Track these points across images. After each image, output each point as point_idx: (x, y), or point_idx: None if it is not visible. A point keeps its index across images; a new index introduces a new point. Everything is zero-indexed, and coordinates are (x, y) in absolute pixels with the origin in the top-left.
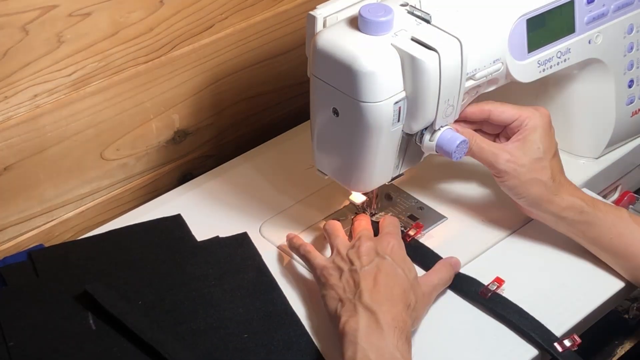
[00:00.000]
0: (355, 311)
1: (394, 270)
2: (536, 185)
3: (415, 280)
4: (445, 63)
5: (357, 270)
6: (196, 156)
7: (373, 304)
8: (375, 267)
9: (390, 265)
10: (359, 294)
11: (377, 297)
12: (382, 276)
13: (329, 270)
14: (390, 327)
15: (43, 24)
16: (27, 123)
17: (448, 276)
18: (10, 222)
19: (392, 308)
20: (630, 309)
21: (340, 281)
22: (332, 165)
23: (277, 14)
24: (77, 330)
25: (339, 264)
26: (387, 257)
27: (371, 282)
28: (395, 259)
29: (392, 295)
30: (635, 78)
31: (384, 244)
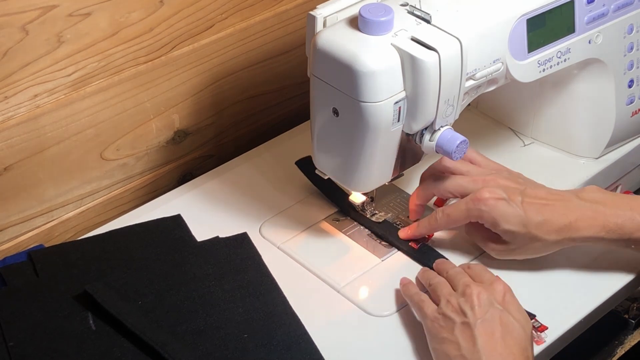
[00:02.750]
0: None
1: (512, 324)
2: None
3: (530, 332)
4: (445, 63)
5: (471, 323)
6: (196, 156)
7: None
8: (491, 320)
9: (506, 318)
10: (476, 354)
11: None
12: (499, 332)
13: (440, 321)
14: None
15: (43, 24)
16: (27, 123)
17: None
18: (10, 222)
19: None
20: (630, 309)
21: (454, 335)
22: (332, 165)
23: (277, 14)
24: (77, 330)
25: (450, 315)
26: (500, 307)
27: (489, 340)
28: (510, 309)
29: (513, 357)
30: (635, 78)
31: (496, 293)
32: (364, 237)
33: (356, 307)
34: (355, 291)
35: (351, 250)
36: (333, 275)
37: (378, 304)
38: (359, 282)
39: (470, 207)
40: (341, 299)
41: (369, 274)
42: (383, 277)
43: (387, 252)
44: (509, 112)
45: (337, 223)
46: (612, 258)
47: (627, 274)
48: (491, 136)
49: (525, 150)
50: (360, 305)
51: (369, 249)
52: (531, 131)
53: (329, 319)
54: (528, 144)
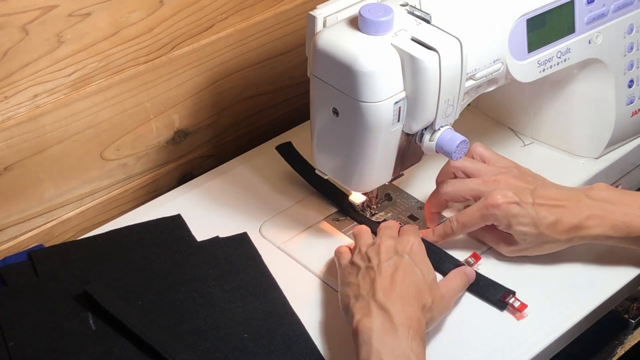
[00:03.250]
0: (369, 310)
1: (412, 269)
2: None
3: (434, 282)
4: (445, 63)
5: (374, 267)
6: (196, 156)
7: (387, 303)
8: (392, 264)
9: (408, 264)
10: (373, 291)
11: (392, 295)
12: (398, 274)
13: (348, 268)
14: (404, 327)
15: (43, 24)
16: (27, 123)
17: (464, 284)
18: (10, 222)
19: (407, 307)
20: (630, 309)
21: (357, 278)
22: (332, 165)
23: (277, 14)
24: (77, 330)
25: (357, 261)
26: (405, 255)
27: (387, 280)
28: (414, 259)
29: (407, 294)
30: (635, 78)
31: (404, 243)
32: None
33: None
34: None
35: None
36: (333, 275)
37: None
38: None
39: (485, 213)
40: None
41: None
42: None
43: None
44: (509, 112)
45: (337, 223)
46: (612, 258)
47: (626, 274)
48: (491, 136)
49: (525, 150)
50: None
51: None
52: (531, 131)
53: (329, 319)
54: (528, 144)
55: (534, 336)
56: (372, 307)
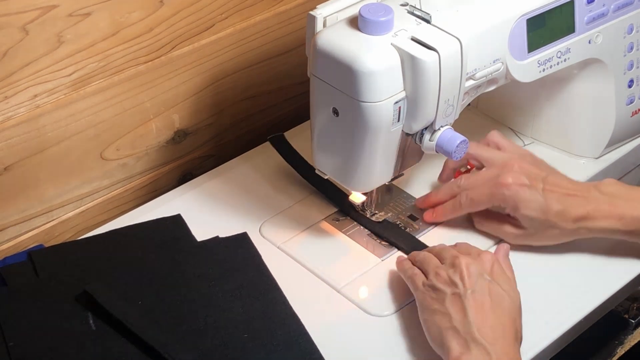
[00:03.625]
0: (467, 347)
1: (501, 295)
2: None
3: (519, 304)
4: (445, 63)
5: (462, 294)
6: (196, 156)
7: (486, 343)
8: (480, 291)
9: (495, 289)
10: (468, 326)
11: (488, 332)
12: (488, 303)
13: (430, 293)
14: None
15: (43, 24)
16: (27, 123)
17: None
18: (10, 222)
19: (506, 347)
20: (630, 309)
21: (444, 306)
22: (332, 165)
23: (277, 14)
24: (77, 330)
25: (439, 287)
26: (489, 278)
27: (479, 312)
28: (499, 280)
29: (503, 329)
30: (635, 78)
31: (485, 264)
32: (364, 237)
33: (356, 307)
34: (355, 291)
35: (351, 250)
36: (333, 275)
37: (378, 303)
38: (359, 282)
39: (494, 192)
40: (341, 299)
41: (369, 273)
42: (383, 277)
43: (387, 252)
44: (509, 112)
45: (337, 223)
46: (612, 258)
47: (626, 274)
48: None
49: None
50: (360, 305)
51: (369, 248)
52: (531, 131)
53: (329, 319)
54: (528, 144)
55: (534, 336)
56: (470, 345)
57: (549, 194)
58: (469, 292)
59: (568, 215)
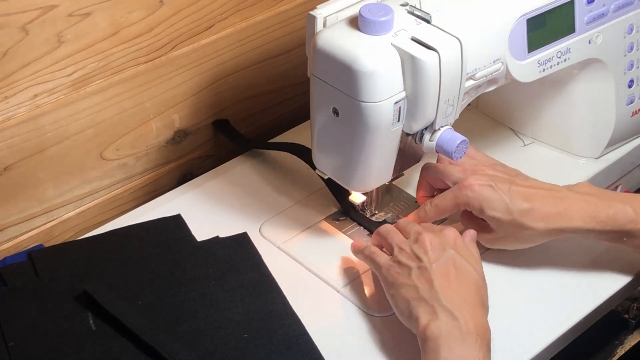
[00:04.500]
0: (435, 313)
1: (465, 266)
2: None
3: (483, 275)
4: (445, 63)
5: (427, 267)
6: (196, 156)
7: (453, 308)
8: (444, 263)
9: (459, 261)
10: (435, 294)
11: (455, 298)
12: (453, 273)
13: (396, 268)
14: (472, 335)
15: (43, 24)
16: (27, 123)
17: None
18: (10, 222)
19: (474, 313)
20: (630, 309)
21: (410, 279)
22: (332, 165)
23: (277, 14)
24: (77, 330)
25: (405, 261)
26: (452, 251)
27: (445, 281)
28: (462, 253)
29: (469, 296)
30: (635, 78)
31: (447, 237)
32: (364, 237)
33: (356, 307)
34: (355, 291)
35: None
36: (333, 275)
37: (378, 303)
38: (359, 282)
39: (457, 195)
40: (341, 299)
41: (369, 274)
42: None
43: None
44: (509, 112)
45: (337, 223)
46: (612, 258)
47: (627, 274)
48: (491, 136)
49: (525, 150)
50: (360, 305)
51: None
52: (531, 131)
53: (329, 319)
54: (528, 143)
55: (534, 336)
56: (438, 311)
57: (514, 194)
58: (434, 265)
59: (537, 214)
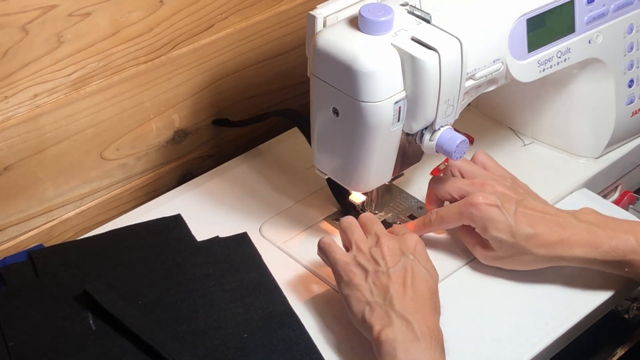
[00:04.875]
0: (389, 319)
1: (421, 272)
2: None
3: (438, 281)
4: (445, 63)
5: (384, 272)
6: (196, 156)
7: (407, 313)
8: (402, 268)
9: (416, 266)
10: (389, 300)
11: (409, 304)
12: (410, 279)
13: (352, 267)
14: (426, 337)
15: (43, 24)
16: (27, 123)
17: None
18: (10, 222)
19: (427, 317)
20: (630, 309)
21: (367, 282)
22: (332, 165)
23: (277, 14)
24: (77, 330)
25: (362, 262)
26: (411, 256)
27: (401, 287)
28: (420, 259)
29: (423, 301)
30: (635, 78)
31: (407, 243)
32: None
33: None
34: None
35: None
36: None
37: None
38: None
39: (463, 211)
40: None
41: None
42: None
43: None
44: (509, 112)
45: (337, 223)
46: None
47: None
48: (491, 136)
49: (525, 150)
50: None
51: None
52: (531, 131)
53: (328, 319)
54: (528, 143)
55: (534, 336)
56: (392, 317)
57: (520, 217)
58: (391, 270)
59: (540, 240)
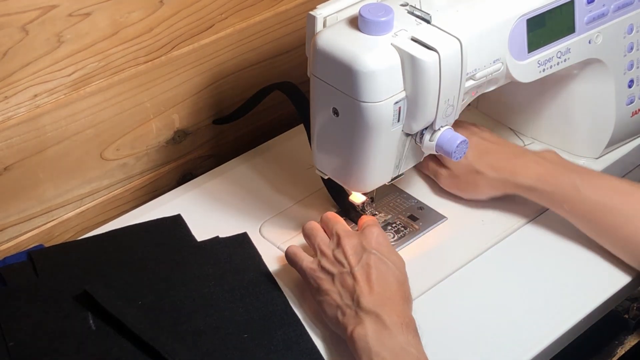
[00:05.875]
0: (359, 318)
1: (385, 265)
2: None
3: (404, 267)
4: (445, 63)
5: (349, 272)
6: (196, 156)
7: (375, 308)
8: (365, 265)
9: (379, 260)
10: (356, 300)
11: (376, 299)
12: (374, 274)
13: (318, 274)
14: (397, 324)
15: (43, 24)
16: (27, 123)
17: None
18: (10, 222)
19: (396, 307)
20: (630, 309)
21: (334, 286)
22: (332, 165)
23: (277, 14)
24: (77, 330)
25: (327, 267)
26: (373, 251)
27: (366, 285)
28: (383, 252)
29: (390, 293)
30: (635, 78)
31: (368, 237)
32: None
33: None
34: None
35: None
36: None
37: None
38: None
39: None
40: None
41: None
42: None
43: None
44: (509, 112)
45: None
46: (612, 258)
47: (627, 274)
48: None
49: None
50: None
51: None
52: (531, 131)
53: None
54: (528, 144)
55: (534, 336)
56: (361, 316)
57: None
58: (355, 269)
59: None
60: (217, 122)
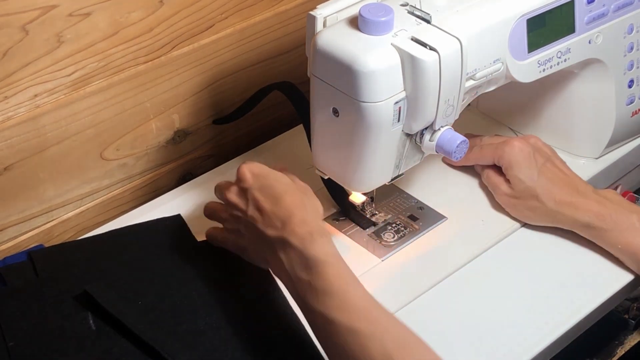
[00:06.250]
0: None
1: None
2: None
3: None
4: (445, 63)
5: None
6: (196, 156)
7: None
8: (253, 203)
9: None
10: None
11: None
12: (266, 202)
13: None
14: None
15: (43, 24)
16: (27, 123)
17: None
18: (10, 222)
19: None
20: (630, 309)
21: (247, 239)
22: (332, 165)
23: (277, 14)
24: (77, 330)
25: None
26: (252, 188)
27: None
28: (263, 180)
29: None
30: (635, 78)
31: (241, 178)
32: (364, 237)
33: None
34: None
35: (351, 250)
36: None
37: None
38: None
39: (498, 147)
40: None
41: (369, 274)
42: (383, 277)
43: (387, 253)
44: (509, 112)
45: (337, 223)
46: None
47: (627, 274)
48: None
49: None
50: None
51: (369, 249)
52: (531, 131)
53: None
54: None
55: (534, 336)
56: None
57: (545, 169)
58: (249, 212)
59: (554, 194)
60: (217, 122)
